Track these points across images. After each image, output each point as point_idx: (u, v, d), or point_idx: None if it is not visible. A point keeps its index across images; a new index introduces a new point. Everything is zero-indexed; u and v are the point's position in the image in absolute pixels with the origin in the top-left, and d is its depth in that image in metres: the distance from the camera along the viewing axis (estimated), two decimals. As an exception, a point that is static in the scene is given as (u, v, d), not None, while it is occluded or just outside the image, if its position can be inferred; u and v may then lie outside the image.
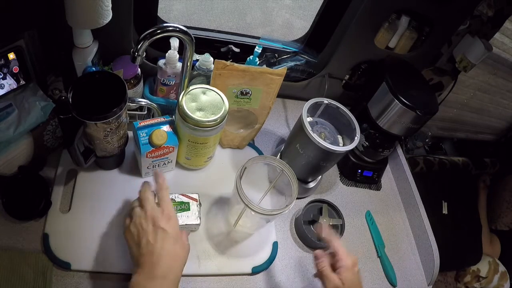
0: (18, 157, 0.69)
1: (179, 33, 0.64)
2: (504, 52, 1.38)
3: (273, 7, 2.95)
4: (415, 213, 0.94)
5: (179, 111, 0.69)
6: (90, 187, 0.74)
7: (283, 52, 0.99)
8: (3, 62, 0.62)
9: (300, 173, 0.82)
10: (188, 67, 0.73)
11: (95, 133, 0.65)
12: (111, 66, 0.78)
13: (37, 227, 0.67)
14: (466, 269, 1.50)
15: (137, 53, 0.61)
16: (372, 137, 0.94)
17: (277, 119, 1.05)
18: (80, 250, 0.66)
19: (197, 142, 0.73)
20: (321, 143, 0.71)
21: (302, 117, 0.74)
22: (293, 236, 0.83)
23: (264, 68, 0.77)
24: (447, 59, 1.11)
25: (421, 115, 0.82)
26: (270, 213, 0.63)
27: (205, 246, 0.74)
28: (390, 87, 0.84)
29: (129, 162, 0.80)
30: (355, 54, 0.97)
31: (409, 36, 0.93)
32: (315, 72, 1.01)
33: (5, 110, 0.64)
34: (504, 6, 0.97)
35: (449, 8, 0.86)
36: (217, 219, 0.78)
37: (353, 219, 0.91)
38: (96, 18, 0.63)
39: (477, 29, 1.02)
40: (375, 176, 0.99)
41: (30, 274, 0.61)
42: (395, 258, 0.87)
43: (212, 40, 0.97)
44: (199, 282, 0.70)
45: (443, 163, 1.58)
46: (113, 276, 0.66)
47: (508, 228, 1.63)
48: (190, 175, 0.83)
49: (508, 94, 1.62)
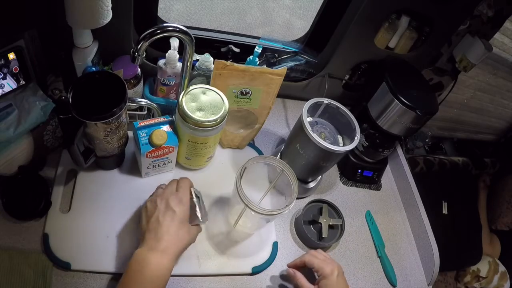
0: (18, 157, 0.69)
1: (179, 33, 0.64)
2: (504, 52, 1.38)
3: (273, 7, 2.95)
4: (415, 213, 0.94)
5: (179, 111, 0.69)
6: (90, 187, 0.74)
7: (283, 52, 0.99)
8: (3, 62, 0.62)
9: (300, 173, 0.82)
10: (188, 67, 0.73)
11: (95, 133, 0.65)
12: (111, 66, 0.78)
13: (37, 227, 0.67)
14: (466, 269, 1.50)
15: (137, 53, 0.61)
16: (372, 137, 0.94)
17: (277, 119, 1.05)
18: (80, 250, 0.66)
19: (197, 142, 0.73)
20: (321, 143, 0.71)
21: (302, 117, 0.74)
22: (293, 236, 0.83)
23: (264, 68, 0.77)
24: (447, 59, 1.11)
25: (421, 115, 0.82)
26: (270, 213, 0.63)
27: (205, 246, 0.74)
28: (390, 87, 0.84)
29: (129, 162, 0.80)
30: (355, 54, 0.97)
31: (409, 36, 0.93)
32: (315, 72, 1.01)
33: (5, 110, 0.64)
34: (504, 6, 0.97)
35: (449, 8, 0.86)
36: (217, 219, 0.78)
37: (353, 219, 0.91)
38: (96, 18, 0.63)
39: (477, 29, 1.02)
40: (375, 176, 0.99)
41: (30, 274, 0.61)
42: (395, 258, 0.87)
43: (212, 40, 0.97)
44: (199, 282, 0.70)
45: (443, 163, 1.58)
46: (113, 276, 0.66)
47: (508, 228, 1.63)
48: (190, 175, 0.83)
49: (508, 94, 1.62)
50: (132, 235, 0.70)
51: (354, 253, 0.85)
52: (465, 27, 1.01)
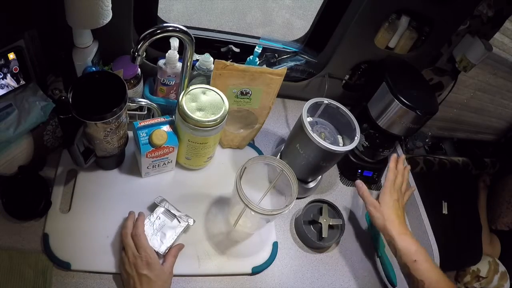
0: (18, 157, 0.69)
1: (179, 33, 0.64)
2: (504, 52, 1.38)
3: (273, 7, 2.95)
4: (415, 213, 0.94)
5: (179, 111, 0.69)
6: (90, 187, 0.74)
7: (283, 52, 0.99)
8: (3, 62, 0.62)
9: (300, 173, 0.82)
10: (188, 67, 0.73)
11: (95, 133, 0.65)
12: (111, 66, 0.78)
13: (37, 227, 0.67)
14: (466, 269, 1.50)
15: (137, 53, 0.61)
16: (372, 137, 0.94)
17: (277, 119, 1.05)
18: (80, 250, 0.66)
19: (197, 142, 0.73)
20: (321, 143, 0.71)
21: (302, 117, 0.74)
22: (293, 236, 0.83)
23: (264, 68, 0.77)
24: (447, 59, 1.11)
25: (421, 115, 0.82)
26: (270, 213, 0.63)
27: (205, 246, 0.74)
28: (390, 87, 0.84)
29: (129, 162, 0.80)
30: (355, 54, 0.97)
31: (409, 36, 0.93)
32: (315, 72, 1.01)
33: (5, 110, 0.64)
34: (504, 6, 0.97)
35: (449, 8, 0.86)
36: (217, 219, 0.78)
37: (353, 219, 0.91)
38: (96, 18, 0.63)
39: (477, 29, 1.02)
40: (375, 176, 0.98)
41: (30, 274, 0.61)
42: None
43: (212, 40, 0.97)
44: (199, 282, 0.70)
45: (443, 163, 1.58)
46: (113, 276, 0.66)
47: (508, 228, 1.63)
48: (190, 175, 0.83)
49: (508, 94, 1.62)
50: (132, 235, 0.70)
51: (354, 253, 0.85)
52: (465, 27, 1.01)
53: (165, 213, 0.73)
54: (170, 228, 0.71)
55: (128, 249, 0.65)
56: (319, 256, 0.82)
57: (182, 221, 0.72)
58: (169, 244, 0.69)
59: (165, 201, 0.74)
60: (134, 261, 0.63)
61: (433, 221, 0.91)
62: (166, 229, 0.71)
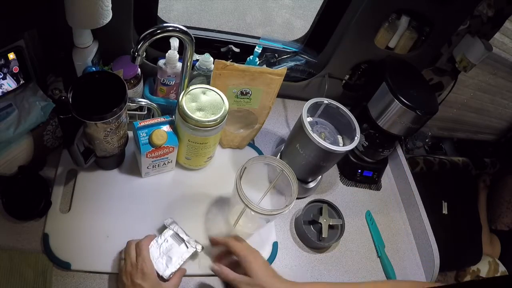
0: (18, 157, 0.69)
1: (179, 33, 0.64)
2: (504, 52, 1.38)
3: (273, 7, 2.95)
4: (415, 213, 0.94)
5: (179, 111, 0.69)
6: (90, 187, 0.74)
7: (283, 52, 0.99)
8: (3, 62, 0.62)
9: (300, 173, 0.82)
10: (188, 67, 0.73)
11: (95, 133, 0.65)
12: (111, 66, 0.78)
13: (37, 227, 0.67)
14: (466, 269, 1.50)
15: (137, 53, 0.61)
16: (372, 137, 0.94)
17: (277, 119, 1.05)
18: (80, 250, 0.66)
19: (197, 142, 0.73)
20: (321, 143, 0.71)
21: (302, 117, 0.74)
22: (293, 236, 0.83)
23: (264, 68, 0.77)
24: (447, 59, 1.11)
25: (421, 115, 0.82)
26: (270, 213, 0.63)
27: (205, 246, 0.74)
28: (390, 87, 0.84)
29: (129, 162, 0.80)
30: (355, 54, 0.97)
31: (409, 36, 0.93)
32: (315, 72, 1.01)
33: (5, 110, 0.64)
34: (504, 6, 0.97)
35: (449, 8, 0.86)
36: (217, 219, 0.78)
37: (353, 219, 0.91)
38: (96, 18, 0.63)
39: (477, 29, 1.02)
40: (375, 176, 0.99)
41: (30, 274, 0.61)
42: (395, 258, 0.87)
43: (212, 40, 0.97)
44: (199, 282, 0.70)
45: (443, 163, 1.58)
46: (113, 276, 0.66)
47: (508, 228, 1.63)
48: (190, 175, 0.83)
49: (508, 94, 1.62)
50: (132, 235, 0.70)
51: (354, 253, 0.85)
52: (465, 27, 1.01)
53: (173, 237, 0.70)
54: (177, 253, 0.68)
55: (127, 258, 0.64)
56: (319, 256, 0.82)
57: (190, 246, 0.69)
58: (174, 270, 0.66)
59: (174, 223, 0.71)
60: (130, 270, 0.62)
61: (433, 221, 0.91)
62: (172, 253, 0.67)
